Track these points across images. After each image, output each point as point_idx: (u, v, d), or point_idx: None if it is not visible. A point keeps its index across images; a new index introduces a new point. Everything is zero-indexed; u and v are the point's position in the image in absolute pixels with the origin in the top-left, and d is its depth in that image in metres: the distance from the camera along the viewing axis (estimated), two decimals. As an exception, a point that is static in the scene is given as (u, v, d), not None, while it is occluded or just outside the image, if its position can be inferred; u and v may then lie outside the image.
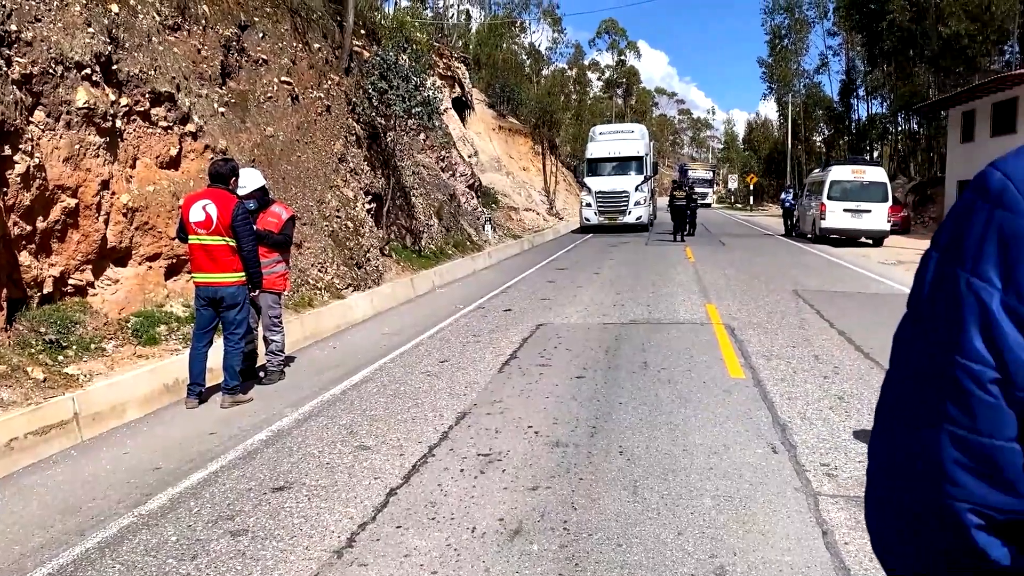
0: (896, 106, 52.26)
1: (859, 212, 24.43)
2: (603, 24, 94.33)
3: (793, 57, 66.47)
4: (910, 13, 46.16)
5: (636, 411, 6.18)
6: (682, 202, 26.47)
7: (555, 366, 7.79)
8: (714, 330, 9.56)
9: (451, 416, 6.17)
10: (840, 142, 62.94)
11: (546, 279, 15.42)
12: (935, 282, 0.73)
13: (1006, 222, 0.68)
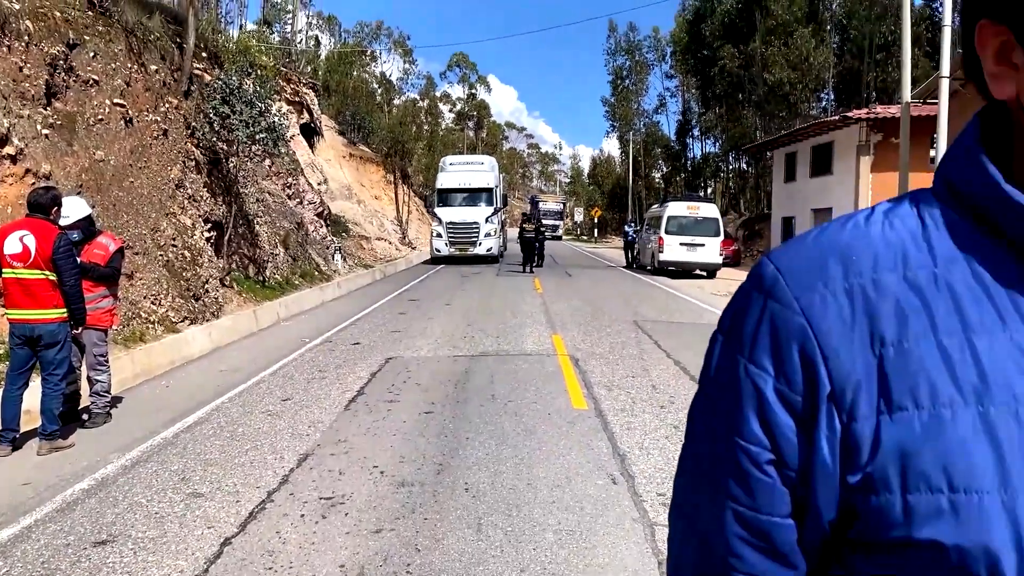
0: (727, 146, 55.78)
1: (694, 246, 25.80)
2: (454, 57, 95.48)
3: (634, 97, 69.80)
4: (739, 60, 49.48)
5: (483, 446, 6.20)
6: (532, 234, 27.12)
7: (403, 402, 7.71)
8: (559, 361, 9.78)
9: (292, 458, 5.97)
10: (677, 179, 66.38)
11: (397, 310, 15.30)
12: (719, 365, 0.77)
13: (776, 313, 0.72)
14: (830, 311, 0.70)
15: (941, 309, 0.68)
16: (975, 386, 0.64)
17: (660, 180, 71.80)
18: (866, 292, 0.70)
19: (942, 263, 0.70)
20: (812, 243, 0.76)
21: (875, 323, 0.68)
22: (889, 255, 0.71)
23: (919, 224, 0.73)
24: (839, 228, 0.76)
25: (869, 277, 0.70)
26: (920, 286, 0.69)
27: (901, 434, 0.65)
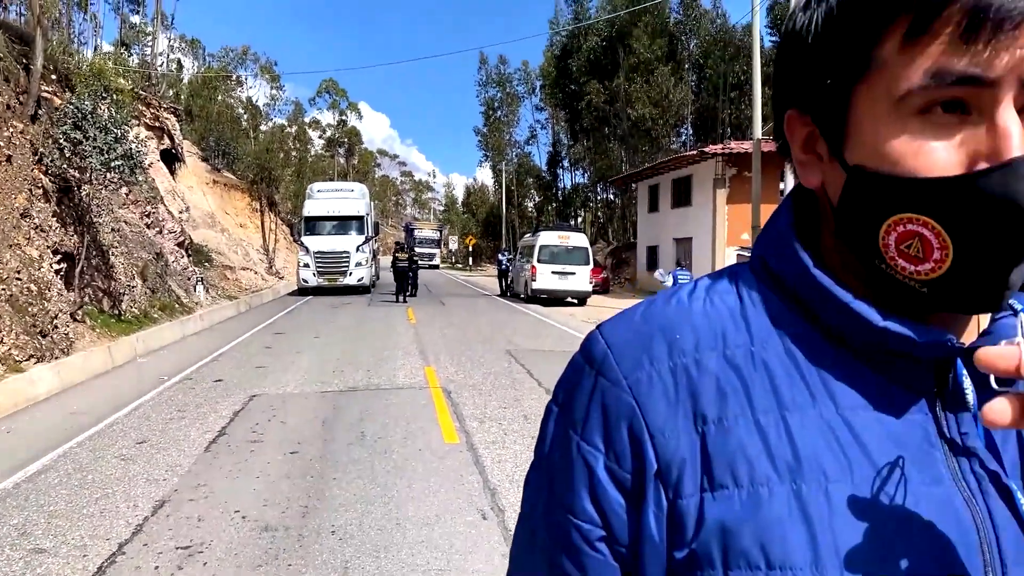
0: (595, 178, 57.49)
1: (565, 274, 26.36)
2: (324, 84, 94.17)
3: (506, 128, 71.02)
4: (604, 95, 51.24)
5: (351, 486, 6.06)
6: (405, 263, 26.96)
7: (268, 442, 7.45)
8: (431, 394, 9.71)
9: (147, 506, 5.65)
10: (549, 208, 67.72)
11: (263, 344, 14.82)
12: (554, 441, 0.78)
13: (606, 391, 0.73)
14: (656, 390, 0.71)
15: (758, 387, 0.70)
16: (789, 464, 0.67)
17: (533, 209, 73.05)
18: (689, 371, 0.72)
19: (758, 341, 0.73)
20: (640, 319, 0.77)
21: (697, 402, 0.70)
22: (710, 333, 0.74)
23: (738, 301, 0.76)
24: (664, 304, 0.78)
25: (692, 356, 0.72)
26: (738, 364, 0.71)
27: (722, 512, 0.67)
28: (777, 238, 0.77)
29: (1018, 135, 0.60)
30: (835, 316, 0.71)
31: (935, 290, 0.66)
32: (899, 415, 0.69)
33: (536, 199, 73.38)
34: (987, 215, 0.61)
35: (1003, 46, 0.59)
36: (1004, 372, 0.58)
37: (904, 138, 0.63)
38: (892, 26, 0.63)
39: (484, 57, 70.47)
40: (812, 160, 0.74)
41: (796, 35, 0.72)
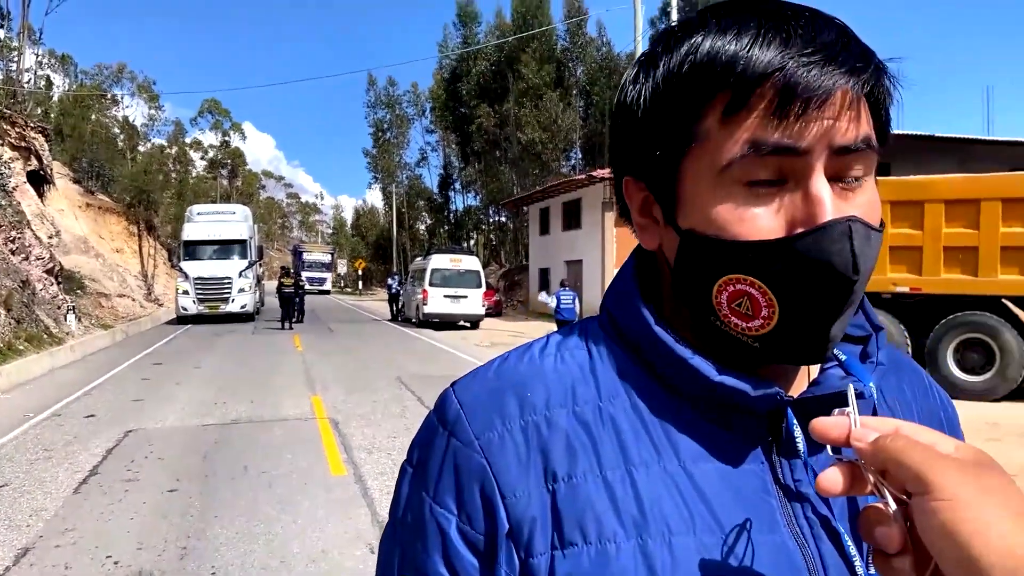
0: (487, 200, 57.86)
1: (457, 298, 26.36)
2: (205, 103, 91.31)
3: (396, 150, 70.56)
4: (494, 119, 51.77)
5: (233, 523, 5.85)
6: (290, 289, 26.33)
7: (144, 480, 7.11)
8: (318, 425, 9.51)
9: (9, 555, 5.28)
10: (441, 231, 67.68)
11: (140, 376, 14.16)
12: (408, 503, 0.78)
13: (458, 452, 0.74)
14: (507, 450, 0.73)
15: (606, 444, 0.72)
16: (635, 519, 0.69)
17: (424, 232, 72.82)
18: (540, 429, 0.73)
19: (606, 397, 0.75)
20: (493, 376, 0.79)
21: (548, 460, 0.72)
22: (560, 390, 0.75)
23: (588, 357, 0.79)
24: (517, 361, 0.80)
25: (543, 414, 0.74)
26: (587, 421, 0.73)
27: (572, 569, 0.69)
28: (622, 295, 0.81)
29: (829, 201, 0.65)
30: (675, 371, 0.74)
31: (765, 344, 0.70)
32: (737, 464, 0.73)
33: (428, 221, 73.18)
34: (805, 275, 0.66)
35: (811, 119, 0.64)
36: (836, 441, 0.62)
37: (729, 205, 0.67)
38: (712, 102, 0.67)
39: (373, 78, 69.62)
40: (650, 223, 0.78)
41: (627, 108, 0.75)
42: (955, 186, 12.52)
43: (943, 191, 12.46)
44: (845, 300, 0.67)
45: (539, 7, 51.18)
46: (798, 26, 0.66)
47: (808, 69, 0.64)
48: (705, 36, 0.69)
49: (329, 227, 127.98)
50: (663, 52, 0.72)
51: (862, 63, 0.66)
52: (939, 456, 0.56)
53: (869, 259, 0.67)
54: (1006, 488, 0.54)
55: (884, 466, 0.59)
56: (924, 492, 0.54)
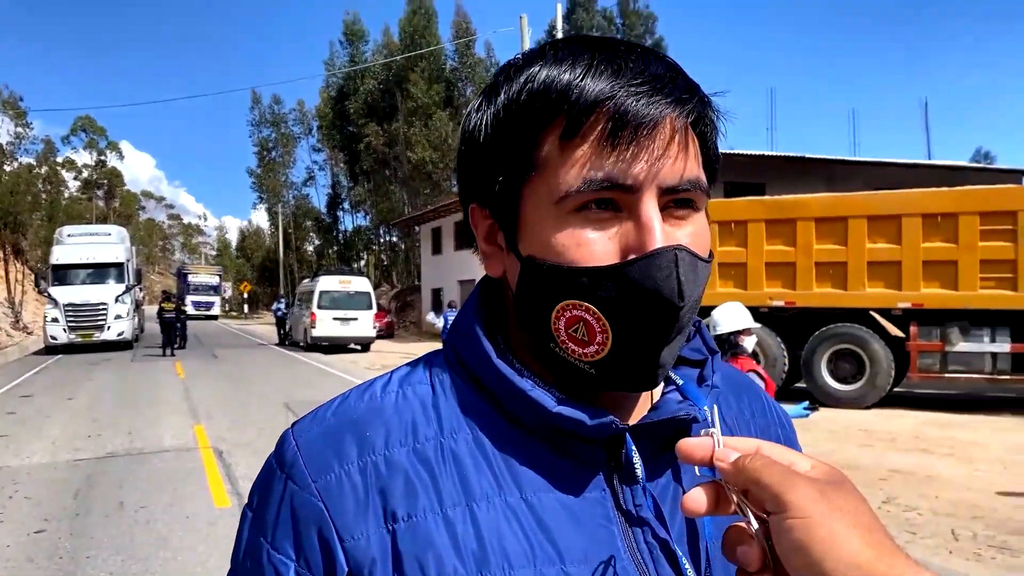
0: (377, 220, 57.32)
1: (347, 320, 25.94)
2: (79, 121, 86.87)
3: (282, 169, 69.06)
4: (384, 138, 51.45)
5: (106, 564, 5.54)
6: (172, 314, 25.28)
7: (9, 521, 6.64)
8: (201, 455, 9.14)
9: None
10: (330, 251, 66.58)
11: (5, 410, 13.26)
12: (247, 549, 0.76)
13: (295, 496, 0.73)
14: (345, 492, 0.72)
15: (447, 480, 0.72)
16: (475, 554, 0.69)
17: (313, 253, 71.41)
18: (379, 469, 0.72)
19: (448, 432, 0.75)
20: (332, 416, 0.78)
21: (388, 500, 0.71)
22: (400, 428, 0.75)
23: (430, 392, 0.78)
24: (357, 399, 0.79)
25: (382, 454, 0.73)
26: (428, 458, 0.73)
27: None
28: (465, 328, 0.81)
29: (659, 229, 0.68)
30: (516, 403, 0.75)
31: (601, 371, 0.72)
32: (579, 493, 0.74)
33: (316, 242, 71.78)
34: (635, 301, 0.68)
35: (642, 147, 0.67)
36: (700, 462, 0.64)
37: (566, 232, 0.70)
38: (548, 129, 0.70)
39: (257, 96, 67.88)
40: (495, 251, 0.79)
41: (471, 135, 0.77)
42: (824, 205, 13.25)
43: (813, 209, 13.16)
44: (672, 326, 0.69)
45: (427, 27, 51.38)
46: (629, 59, 0.70)
47: (637, 98, 0.67)
48: (543, 66, 0.72)
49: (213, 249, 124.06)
50: (504, 81, 0.75)
51: (687, 95, 0.70)
52: (796, 475, 0.58)
53: (695, 287, 0.69)
54: (857, 505, 0.58)
55: (745, 486, 0.60)
56: (781, 511, 0.57)
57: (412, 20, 51.35)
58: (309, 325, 25.95)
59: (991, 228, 11.83)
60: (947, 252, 12.10)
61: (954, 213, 12.08)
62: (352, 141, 56.26)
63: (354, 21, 58.55)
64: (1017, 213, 11.68)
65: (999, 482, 7.82)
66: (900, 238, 12.40)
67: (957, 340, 12.20)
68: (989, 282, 11.89)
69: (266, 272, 72.80)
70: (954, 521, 6.49)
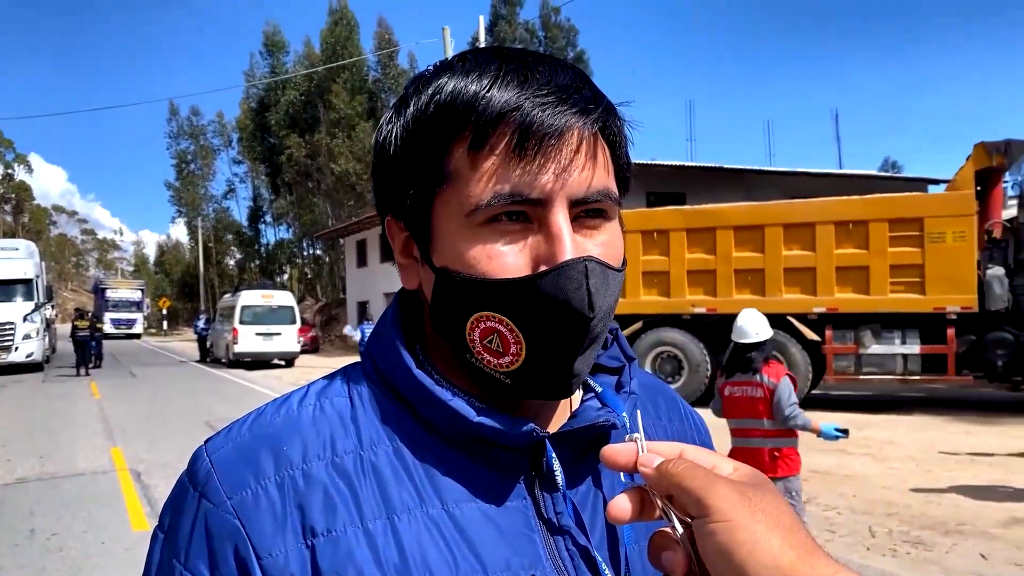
0: (301, 233, 56.43)
1: (270, 335, 25.41)
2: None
3: (201, 182, 67.45)
4: (306, 150, 50.74)
5: (16, 596, 5.29)
6: (86, 332, 24.32)
7: (-94, 555, 6.28)
8: (118, 477, 8.82)
9: None
10: (252, 265, 65.27)
11: (-98, 437, 12.56)
12: (159, 569, 0.74)
13: (210, 514, 0.71)
14: (262, 508, 0.70)
15: (367, 493, 0.71)
16: (397, 567, 0.68)
17: (234, 267, 69.89)
18: (297, 484, 0.71)
19: (367, 446, 0.74)
20: (247, 432, 0.76)
21: (306, 515, 0.70)
22: (318, 442, 0.74)
23: (348, 405, 0.77)
24: (274, 413, 0.77)
25: (299, 468, 0.72)
26: (347, 471, 0.72)
27: None
28: (383, 339, 0.81)
29: (569, 240, 0.68)
30: (436, 413, 0.75)
31: (516, 380, 0.73)
32: (500, 503, 0.74)
33: (237, 256, 70.28)
34: (547, 312, 0.69)
35: (550, 157, 0.68)
36: (624, 468, 0.65)
37: (477, 246, 0.70)
38: (457, 140, 0.70)
39: (175, 107, 66.22)
40: (410, 263, 0.79)
41: (383, 147, 0.77)
42: (742, 213, 13.62)
43: (732, 218, 13.52)
44: (583, 337, 0.70)
45: (349, 38, 50.96)
46: (536, 70, 0.71)
47: (543, 109, 0.68)
48: (450, 78, 0.72)
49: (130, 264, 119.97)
50: (413, 94, 0.75)
51: (593, 104, 0.71)
52: (717, 479, 0.59)
53: (606, 297, 0.70)
54: (778, 507, 0.59)
55: (668, 491, 0.61)
56: (704, 515, 0.57)
57: (334, 31, 50.87)
58: (231, 341, 25.33)
59: (899, 234, 12.35)
60: (859, 258, 12.58)
61: (864, 220, 12.58)
62: (274, 153, 55.34)
63: (274, 32, 57.73)
64: (923, 220, 12.22)
65: (912, 479, 8.14)
66: (814, 245, 12.84)
67: (870, 342, 12.66)
68: (899, 286, 12.40)
69: (186, 287, 70.90)
70: (871, 518, 6.72)
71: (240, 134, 62.21)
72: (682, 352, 13.75)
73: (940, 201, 12.81)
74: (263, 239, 66.81)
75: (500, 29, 49.76)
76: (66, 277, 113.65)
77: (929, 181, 26.09)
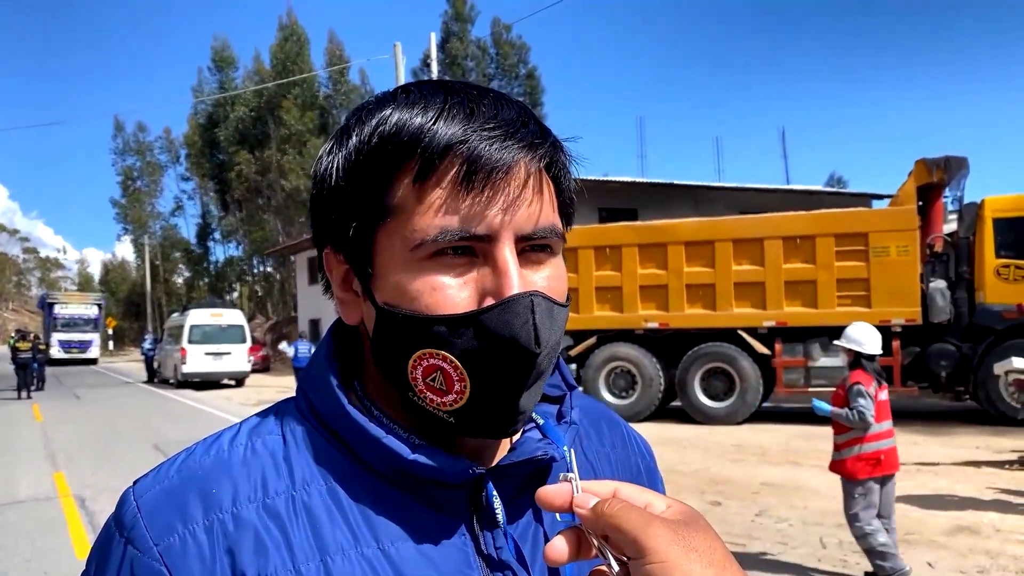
0: (251, 250, 55.67)
1: (220, 355, 25.00)
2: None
3: (148, 199, 66.09)
4: (256, 166, 50.18)
5: (-47, 631, 5.08)
6: (27, 354, 23.61)
7: None
8: (62, 504, 8.56)
9: None
10: (201, 283, 64.17)
11: None
12: None
13: (135, 560, 0.69)
14: (190, 554, 0.68)
15: (299, 535, 0.70)
16: None
17: (182, 285, 68.58)
18: (226, 528, 0.69)
19: (300, 485, 0.72)
20: (175, 474, 0.74)
21: (236, 560, 0.68)
22: (249, 484, 0.72)
23: (281, 443, 0.76)
24: (203, 454, 0.75)
25: (229, 511, 0.70)
26: (279, 513, 0.71)
27: None
28: (317, 375, 0.79)
29: (516, 275, 0.68)
30: (370, 451, 0.73)
31: (460, 419, 0.72)
32: (438, 541, 0.73)
33: (186, 274, 68.99)
34: (491, 348, 0.68)
35: (498, 190, 0.68)
36: (560, 509, 0.64)
37: (421, 279, 0.69)
38: (400, 172, 0.70)
39: (120, 123, 64.81)
40: (351, 297, 0.78)
41: (322, 178, 0.76)
42: (692, 229, 13.81)
43: (682, 234, 13.69)
44: (529, 372, 0.70)
45: (299, 54, 50.65)
46: (481, 104, 0.71)
47: (491, 143, 0.68)
48: (394, 109, 0.71)
49: (74, 283, 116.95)
50: (355, 124, 0.74)
51: (540, 139, 0.71)
52: (653, 519, 0.60)
53: (552, 332, 0.70)
54: (711, 544, 0.59)
55: (604, 531, 0.61)
56: (640, 555, 0.58)
57: (284, 47, 50.51)
58: (180, 361, 24.84)
59: (845, 249, 12.64)
60: (806, 272, 12.83)
61: (811, 235, 12.85)
62: (223, 169, 54.64)
63: (223, 47, 57.11)
64: (868, 235, 12.52)
65: (860, 489, 8.27)
66: (763, 260, 13.06)
67: (819, 355, 12.89)
68: (845, 300, 12.67)
69: (132, 306, 69.34)
70: (822, 529, 6.82)
71: (188, 150, 61.23)
72: (636, 367, 13.85)
73: (884, 216, 13.13)
74: (212, 257, 65.78)
75: (452, 46, 49.88)
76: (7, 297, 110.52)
77: (873, 196, 26.73)
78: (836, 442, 5.47)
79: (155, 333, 34.83)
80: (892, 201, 13.68)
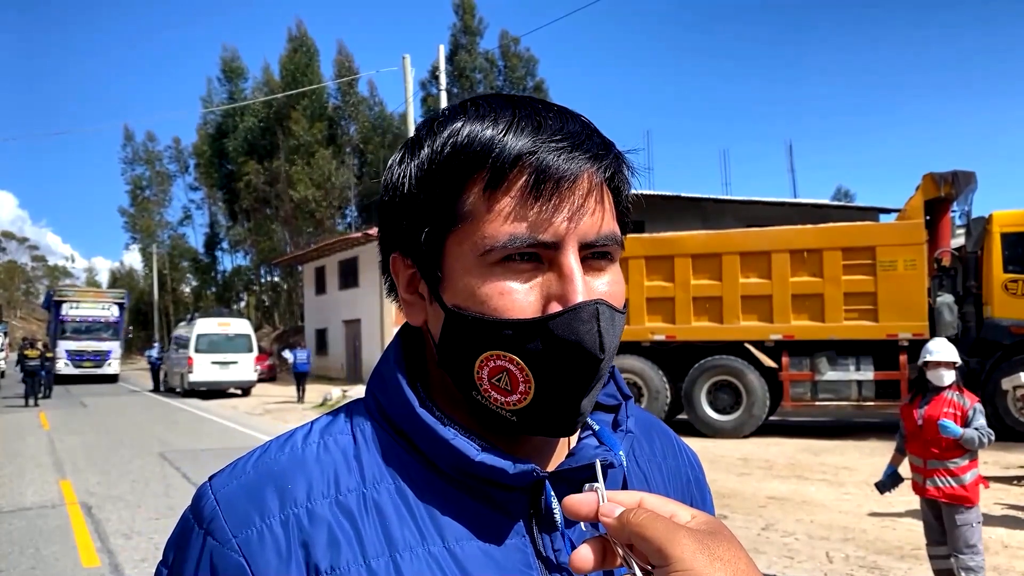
0: (258, 260, 55.78)
1: (227, 364, 25.05)
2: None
3: (156, 208, 66.32)
4: (264, 176, 50.31)
5: (-42, 637, 5.10)
6: (36, 362, 23.72)
7: None
8: (68, 511, 8.58)
9: None
10: (208, 293, 64.29)
11: None
12: None
13: (215, 552, 0.71)
14: (267, 546, 0.71)
15: (370, 531, 0.72)
16: None
17: (190, 294, 68.73)
18: (301, 522, 0.72)
19: (370, 483, 0.75)
20: (252, 470, 0.77)
21: (310, 553, 0.71)
22: (322, 480, 0.75)
23: (352, 442, 0.79)
24: (278, 451, 0.78)
25: (304, 506, 0.73)
26: (351, 509, 0.73)
27: None
28: (386, 377, 0.82)
29: (581, 282, 0.71)
30: (438, 452, 0.76)
31: (522, 418, 0.74)
32: (500, 541, 0.75)
33: (193, 283, 69.13)
34: (558, 353, 0.71)
35: (565, 199, 0.71)
36: (586, 518, 0.67)
37: (490, 284, 0.72)
38: (471, 182, 0.73)
39: (130, 132, 65.06)
40: (416, 300, 0.81)
41: (393, 187, 0.79)
42: (699, 242, 13.80)
43: (689, 246, 13.68)
44: (593, 377, 0.73)
45: (308, 65, 50.86)
46: (548, 117, 0.74)
47: (558, 154, 0.71)
48: (465, 122, 0.75)
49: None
50: (427, 136, 0.77)
51: (604, 151, 0.75)
52: (677, 528, 0.61)
53: (614, 339, 0.73)
54: (735, 553, 0.61)
55: (629, 540, 0.63)
56: (665, 564, 0.59)
57: (293, 58, 50.76)
58: (186, 370, 24.90)
59: (853, 263, 12.61)
60: (814, 286, 12.81)
61: (819, 249, 12.83)
62: (231, 179, 54.78)
63: (233, 58, 57.41)
64: (875, 248, 12.50)
65: (868, 504, 8.25)
66: (770, 273, 13.04)
67: (826, 369, 12.86)
68: (852, 313, 12.63)
69: (139, 315, 69.51)
70: (828, 544, 6.80)
71: (197, 160, 61.46)
72: (642, 379, 13.83)
73: (891, 230, 13.12)
74: (220, 266, 65.94)
75: (460, 58, 50.05)
76: (15, 305, 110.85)
77: (880, 210, 26.70)
78: (950, 468, 4.88)
79: (161, 342, 34.74)
80: (900, 215, 13.66)
